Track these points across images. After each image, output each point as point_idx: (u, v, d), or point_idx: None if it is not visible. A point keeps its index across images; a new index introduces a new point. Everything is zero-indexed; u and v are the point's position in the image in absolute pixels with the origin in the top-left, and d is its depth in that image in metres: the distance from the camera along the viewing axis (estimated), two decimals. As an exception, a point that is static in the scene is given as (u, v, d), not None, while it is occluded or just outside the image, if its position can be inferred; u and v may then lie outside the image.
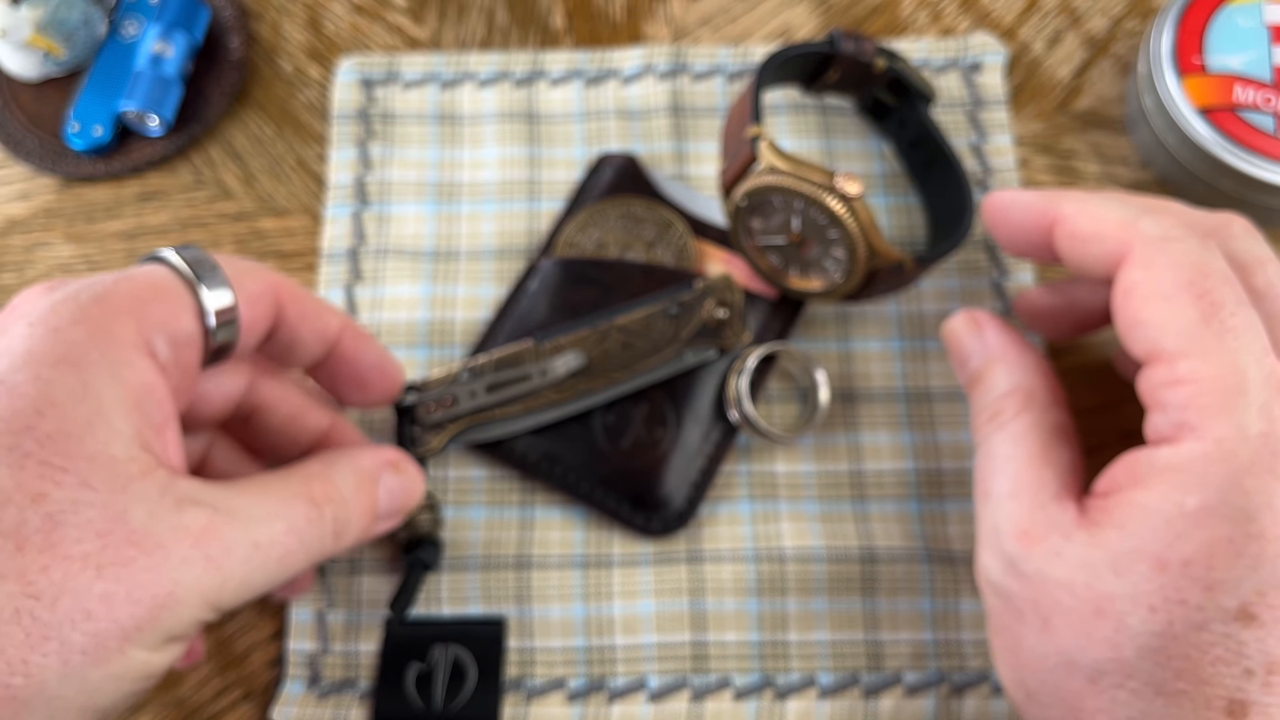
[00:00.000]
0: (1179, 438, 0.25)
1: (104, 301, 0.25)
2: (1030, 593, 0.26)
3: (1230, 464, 0.24)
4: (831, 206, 0.32)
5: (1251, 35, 0.39)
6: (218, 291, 0.27)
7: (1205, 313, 0.25)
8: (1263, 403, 0.24)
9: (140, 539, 0.23)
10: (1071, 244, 0.29)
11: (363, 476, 0.29)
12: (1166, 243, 0.26)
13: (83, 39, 0.42)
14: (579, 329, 0.35)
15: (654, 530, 0.35)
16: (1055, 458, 0.28)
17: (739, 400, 0.35)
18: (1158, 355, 0.26)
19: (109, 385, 0.24)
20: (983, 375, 0.31)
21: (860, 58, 0.37)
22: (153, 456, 0.25)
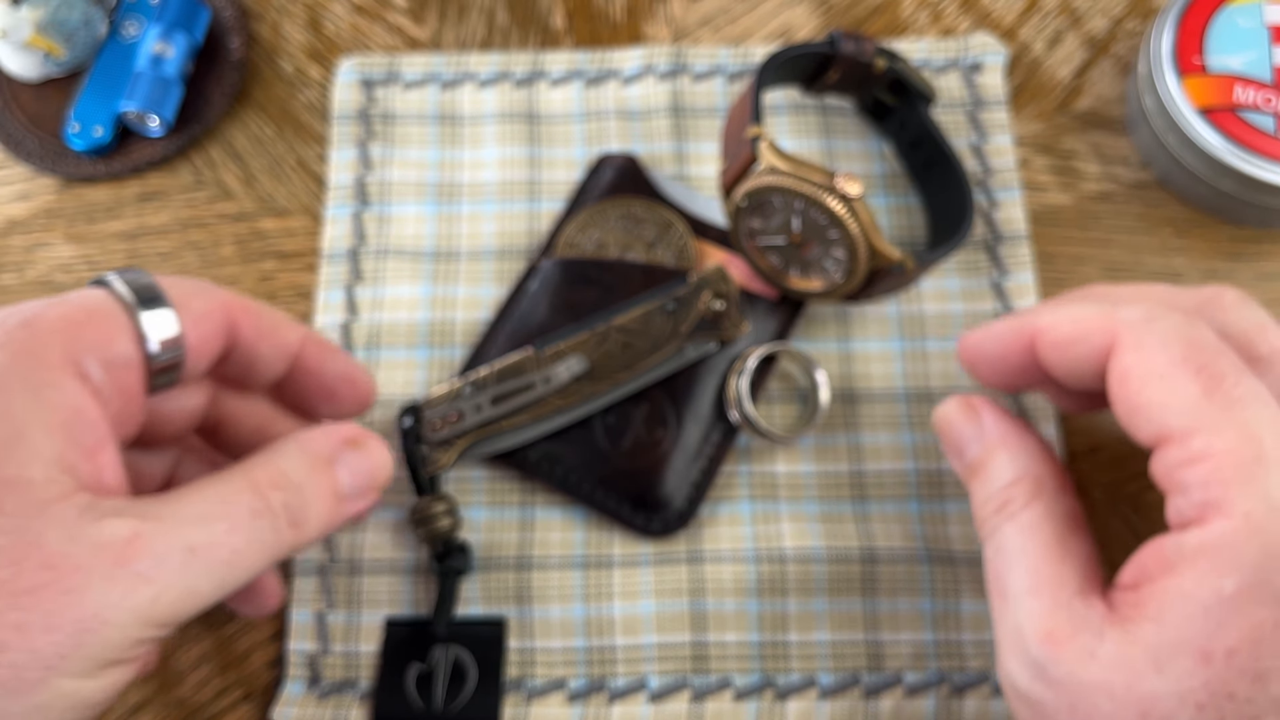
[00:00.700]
0: (1205, 518, 0.23)
1: (30, 325, 0.25)
2: (1065, 699, 0.24)
3: (1263, 539, 0.22)
4: (832, 207, 0.32)
5: (1252, 35, 0.39)
6: (158, 313, 0.26)
7: (1207, 386, 0.24)
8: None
9: (56, 562, 0.22)
10: (1057, 353, 0.27)
11: (315, 458, 0.28)
12: (1151, 322, 0.25)
13: (83, 39, 0.42)
14: (578, 333, 0.35)
15: (654, 531, 0.35)
16: (1072, 549, 0.26)
17: (739, 400, 0.35)
18: (1167, 436, 0.24)
19: (30, 408, 0.24)
20: (984, 464, 0.29)
21: (860, 58, 0.37)
22: (75, 480, 0.24)
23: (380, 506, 0.36)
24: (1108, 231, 0.40)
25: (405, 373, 0.37)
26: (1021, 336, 0.29)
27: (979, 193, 0.40)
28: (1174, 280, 0.39)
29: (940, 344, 0.38)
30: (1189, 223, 0.40)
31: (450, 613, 0.33)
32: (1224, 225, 0.40)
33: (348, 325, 0.38)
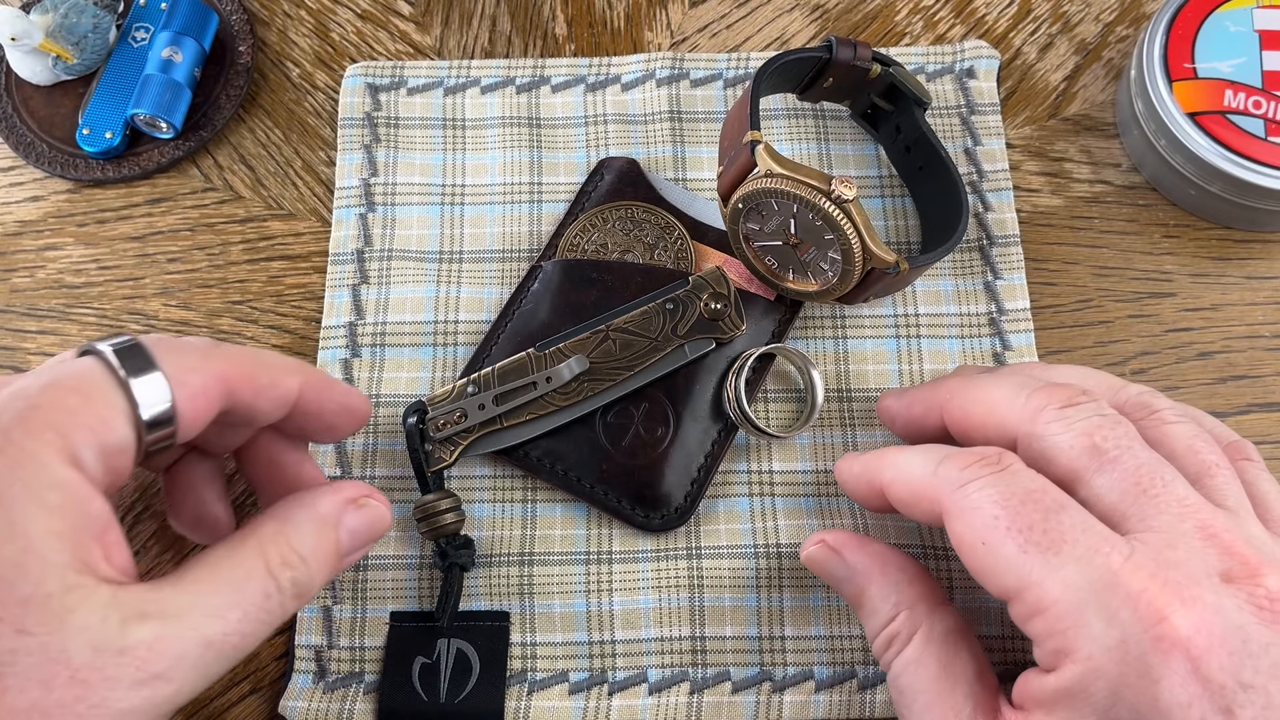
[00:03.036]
0: (1057, 664, 0.25)
1: (27, 422, 0.24)
2: None
3: (1105, 680, 0.24)
4: (828, 210, 0.32)
5: (1241, 40, 0.40)
6: (155, 392, 0.26)
7: (1019, 543, 0.25)
8: (1107, 608, 0.24)
9: (85, 676, 0.23)
10: (905, 509, 0.30)
11: (323, 524, 0.29)
12: (963, 489, 0.27)
13: (93, 45, 0.43)
14: (578, 333, 0.36)
15: (654, 527, 0.35)
16: (958, 671, 0.28)
17: (737, 399, 0.36)
18: (1006, 594, 0.26)
19: (36, 518, 0.23)
20: (860, 599, 0.31)
21: (856, 64, 0.38)
22: (92, 576, 0.24)
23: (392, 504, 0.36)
24: (1098, 234, 0.41)
25: (409, 372, 0.38)
26: (873, 486, 0.31)
27: (971, 196, 0.40)
28: (1163, 282, 0.40)
29: (933, 344, 0.38)
30: (1179, 225, 0.41)
31: (455, 606, 0.34)
32: (1213, 228, 0.41)
33: (354, 326, 0.39)
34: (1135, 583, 0.24)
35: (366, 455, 0.37)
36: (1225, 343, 0.39)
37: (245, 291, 0.40)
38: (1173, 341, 0.39)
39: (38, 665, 0.23)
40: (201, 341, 0.29)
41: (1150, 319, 0.39)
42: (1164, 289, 0.40)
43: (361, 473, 0.37)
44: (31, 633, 0.23)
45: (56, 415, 0.25)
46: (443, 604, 0.34)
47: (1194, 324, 0.39)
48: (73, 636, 0.23)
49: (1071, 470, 0.27)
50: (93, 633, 0.23)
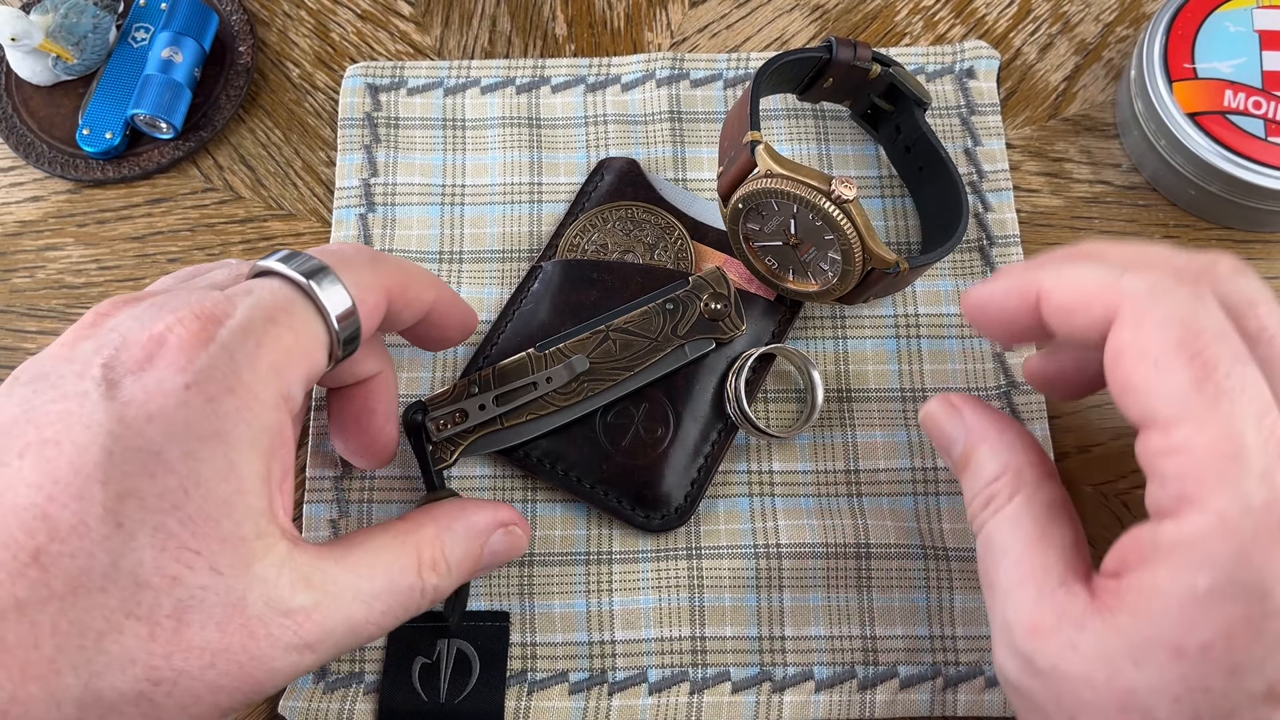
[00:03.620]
0: (1180, 511, 0.23)
1: (255, 363, 0.25)
2: (1051, 690, 0.25)
3: (1236, 538, 0.22)
4: (827, 210, 0.32)
5: (1241, 41, 0.40)
6: (348, 318, 0.27)
7: (1198, 375, 0.23)
8: (1264, 468, 0.23)
9: (254, 628, 0.24)
10: (1060, 318, 0.27)
11: (474, 538, 0.30)
12: (1154, 298, 0.25)
13: (93, 45, 0.43)
14: (578, 333, 0.36)
15: (654, 527, 0.35)
16: (1055, 538, 0.27)
17: (737, 400, 0.36)
18: (1151, 422, 0.24)
19: (251, 460, 0.25)
20: (969, 459, 0.30)
21: (856, 64, 0.38)
22: (277, 527, 0.25)
23: (387, 504, 0.36)
24: (1098, 234, 0.41)
25: (410, 372, 0.38)
26: (1025, 296, 0.28)
27: (971, 196, 0.40)
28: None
29: (933, 344, 0.38)
30: (1178, 225, 0.41)
31: (464, 606, 0.34)
32: (1213, 228, 0.41)
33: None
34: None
35: (366, 455, 0.37)
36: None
37: (245, 291, 0.40)
38: (1173, 342, 0.39)
39: (220, 606, 0.24)
40: (366, 250, 0.30)
41: (1150, 319, 0.39)
42: (1164, 289, 0.40)
43: (362, 471, 0.37)
44: (222, 573, 0.24)
45: (277, 355, 0.26)
46: (452, 604, 0.34)
47: (1194, 324, 0.39)
48: (252, 585, 0.24)
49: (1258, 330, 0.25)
50: (269, 586, 0.24)
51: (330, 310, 0.27)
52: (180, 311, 0.25)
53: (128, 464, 0.23)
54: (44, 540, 0.22)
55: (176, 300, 0.26)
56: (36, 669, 0.22)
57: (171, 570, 0.23)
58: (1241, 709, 0.22)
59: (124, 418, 0.23)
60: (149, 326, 0.25)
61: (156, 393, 0.24)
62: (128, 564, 0.23)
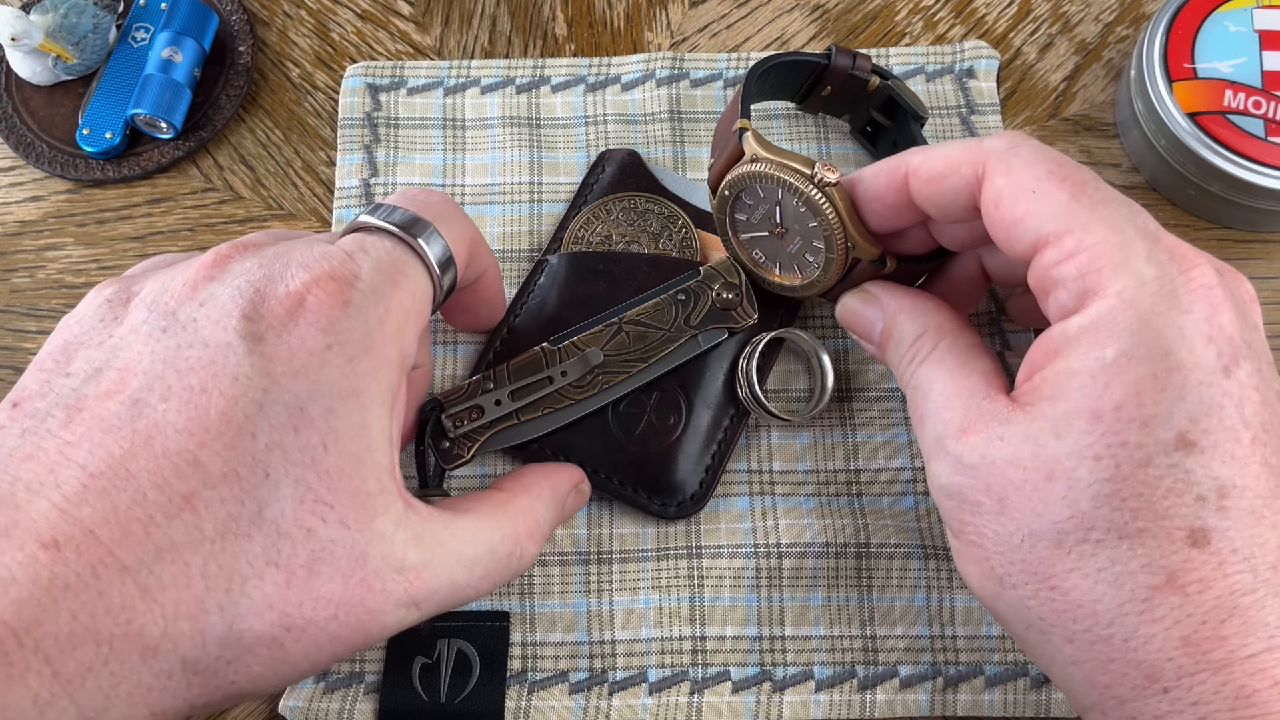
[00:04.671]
0: (1084, 304, 0.26)
1: (385, 325, 0.26)
2: (981, 480, 0.27)
3: (1136, 310, 0.25)
4: (810, 194, 0.32)
5: (1241, 40, 0.40)
6: (448, 273, 0.29)
7: (1073, 192, 0.26)
8: (1148, 251, 0.25)
9: (372, 583, 0.25)
10: (929, 188, 0.29)
11: (558, 501, 0.32)
12: (1015, 149, 0.28)
13: (93, 45, 0.43)
14: (591, 327, 0.36)
15: (670, 514, 0.35)
16: (976, 366, 0.29)
17: (749, 384, 0.36)
18: (1042, 241, 0.27)
19: (380, 418, 0.26)
20: (890, 332, 0.32)
21: (855, 73, 0.38)
22: (395, 484, 0.26)
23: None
24: (1099, 234, 0.41)
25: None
26: (895, 175, 0.30)
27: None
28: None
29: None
30: (1178, 225, 0.41)
31: None
32: (1213, 228, 0.41)
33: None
34: (1169, 239, 0.26)
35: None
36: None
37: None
38: (1173, 341, 0.39)
39: (346, 559, 0.25)
40: (451, 203, 0.31)
41: (1150, 319, 0.39)
42: (1164, 289, 0.40)
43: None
44: (349, 526, 0.25)
45: (400, 318, 0.27)
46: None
47: (1194, 324, 0.39)
48: (374, 541, 0.25)
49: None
50: (386, 542, 0.25)
51: (435, 264, 0.29)
52: (315, 270, 0.26)
53: (276, 417, 0.24)
54: (197, 485, 0.23)
55: (302, 254, 0.27)
56: (187, 608, 0.23)
57: (308, 522, 0.24)
58: (1155, 457, 0.24)
59: (271, 372, 0.25)
60: (285, 281, 0.26)
61: (300, 350, 0.25)
62: (271, 513, 0.24)
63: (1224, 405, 0.24)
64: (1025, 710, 0.34)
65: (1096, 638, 0.25)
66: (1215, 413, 0.24)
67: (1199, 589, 0.24)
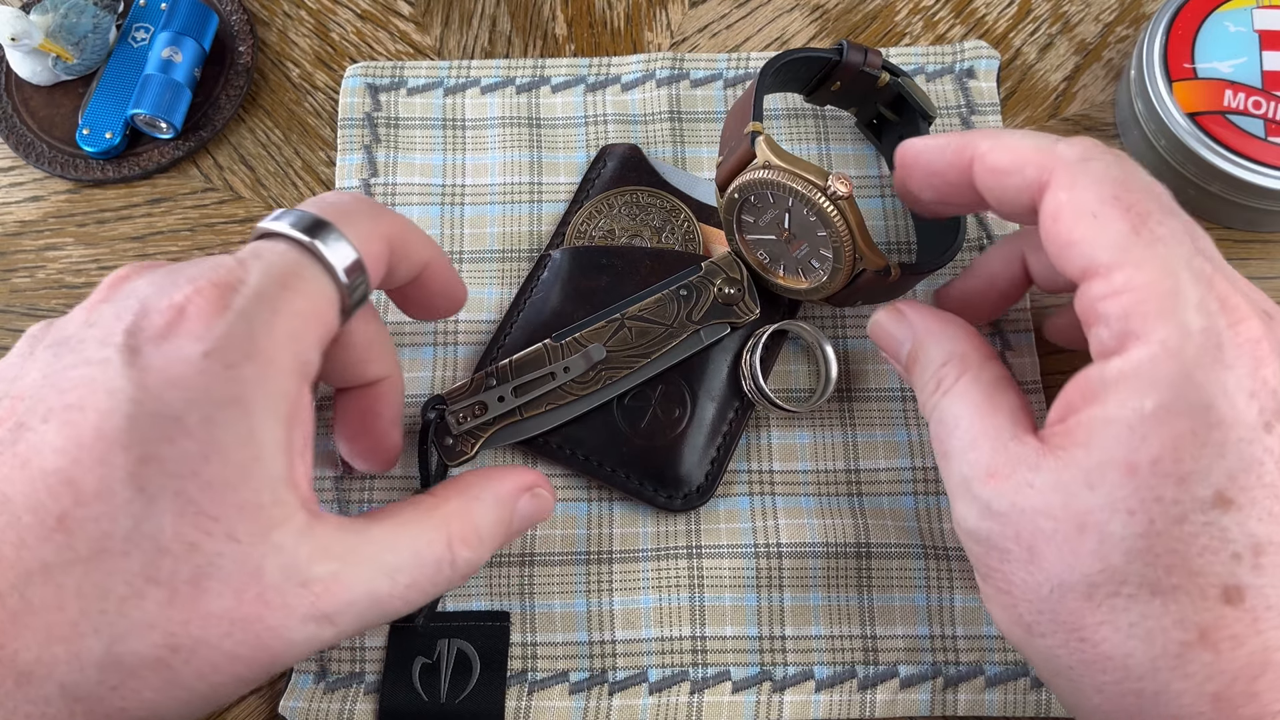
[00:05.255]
0: (1125, 347, 0.25)
1: (272, 330, 0.25)
2: (1010, 529, 0.26)
3: (1179, 361, 0.24)
4: (822, 206, 0.32)
5: (1241, 40, 0.40)
6: (355, 273, 0.27)
7: (1134, 224, 0.26)
8: (1199, 300, 0.25)
9: (270, 598, 0.24)
10: (992, 178, 0.29)
11: (503, 505, 0.30)
12: (1086, 162, 0.27)
13: (93, 45, 0.43)
14: (594, 322, 0.36)
15: (676, 507, 0.35)
16: (1003, 403, 0.28)
17: (753, 376, 0.36)
18: (1093, 270, 0.26)
19: (270, 427, 0.24)
20: (916, 355, 0.31)
21: (865, 70, 0.38)
22: (295, 496, 0.25)
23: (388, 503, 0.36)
24: (1099, 234, 0.41)
25: (410, 372, 0.38)
26: (961, 154, 0.30)
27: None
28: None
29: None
30: (1179, 225, 0.41)
31: (433, 607, 0.34)
32: (1213, 227, 0.41)
33: (353, 326, 0.39)
34: (1222, 287, 0.25)
35: (367, 455, 0.37)
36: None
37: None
38: (1173, 341, 0.39)
39: (236, 574, 0.24)
40: (364, 200, 0.29)
41: (1150, 319, 0.39)
42: (1164, 289, 0.40)
43: (363, 471, 0.37)
44: (239, 540, 0.24)
45: (293, 322, 0.25)
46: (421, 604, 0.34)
47: (1194, 324, 0.39)
48: (270, 554, 0.24)
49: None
50: (287, 555, 0.24)
51: (337, 267, 0.27)
52: (199, 281, 0.25)
53: (149, 429, 0.23)
54: (69, 504, 0.23)
55: (194, 269, 0.26)
56: (61, 630, 0.22)
57: (190, 536, 0.23)
58: (1192, 514, 0.24)
59: (145, 384, 0.24)
60: (169, 294, 0.25)
61: (176, 359, 0.24)
62: (149, 529, 0.23)
63: (1264, 462, 0.24)
64: (1025, 710, 0.34)
65: (1126, 690, 0.25)
66: (1255, 469, 0.24)
67: (1232, 646, 0.23)
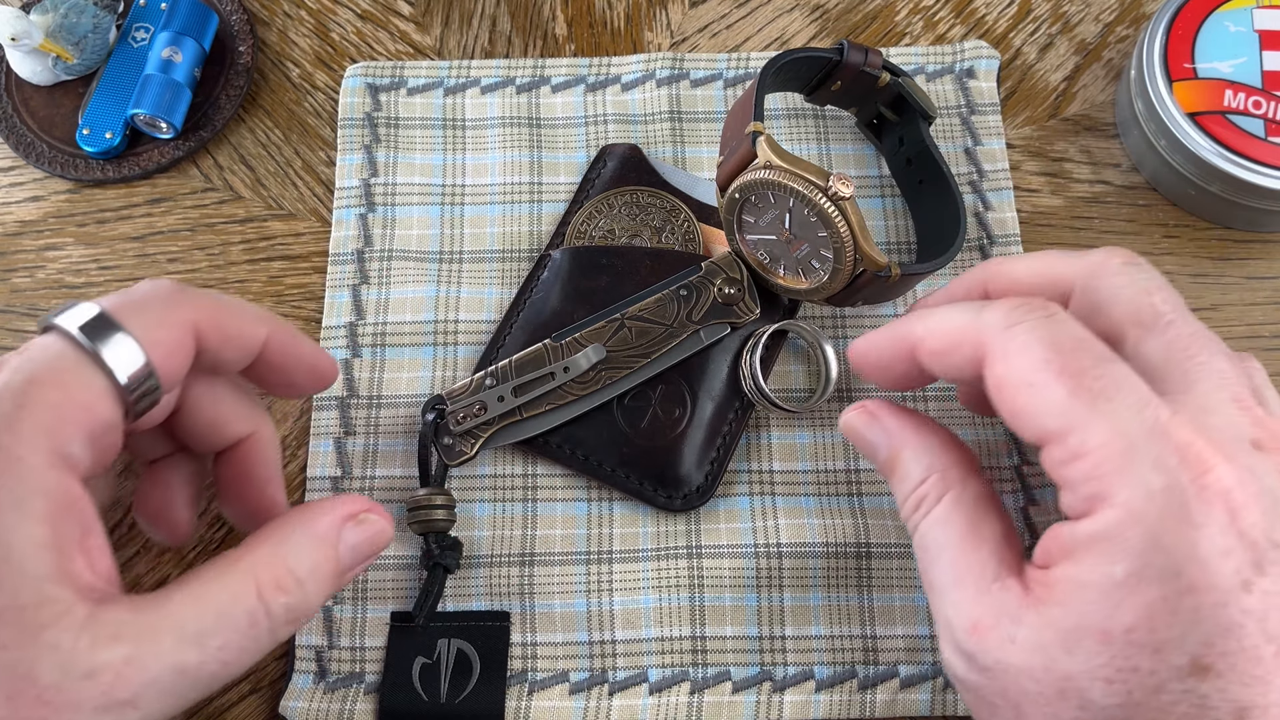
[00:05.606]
0: (1092, 510, 0.25)
1: (14, 425, 0.24)
2: (996, 684, 0.26)
3: (1144, 525, 0.24)
4: (823, 206, 0.32)
5: (1241, 40, 0.40)
6: (130, 359, 0.25)
7: (1070, 386, 0.25)
8: (1155, 456, 0.24)
9: (49, 697, 0.23)
10: (935, 361, 0.29)
11: (321, 542, 0.28)
12: (1013, 329, 0.26)
13: (93, 45, 0.43)
14: (594, 322, 0.36)
15: (677, 507, 0.35)
16: (985, 533, 0.28)
17: (753, 377, 0.36)
18: (1046, 437, 0.26)
19: (19, 526, 0.23)
20: (894, 464, 0.31)
21: (866, 69, 0.38)
22: (71, 590, 0.24)
23: (387, 504, 0.36)
24: (1098, 233, 0.41)
25: (410, 372, 0.38)
26: (901, 345, 0.30)
27: (972, 196, 0.40)
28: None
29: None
30: (1178, 225, 0.41)
31: (434, 606, 0.34)
32: (1213, 227, 0.41)
33: (354, 326, 0.39)
34: (1182, 435, 0.24)
35: (367, 455, 0.37)
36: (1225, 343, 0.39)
37: (245, 292, 0.40)
38: (1173, 341, 0.39)
39: (5, 680, 0.22)
40: (164, 288, 0.28)
41: (1150, 319, 0.39)
42: (1164, 289, 0.40)
43: (362, 472, 0.37)
44: (4, 646, 0.23)
45: (41, 414, 0.24)
46: (421, 603, 0.34)
47: (1194, 324, 0.39)
48: (42, 655, 0.23)
49: (1122, 324, 0.28)
50: (63, 653, 0.23)
51: (111, 360, 0.25)
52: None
53: None
54: None
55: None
56: None
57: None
58: (1169, 683, 0.23)
59: None
60: None
61: None
62: None
63: (1244, 624, 0.23)
64: (1025, 710, 0.34)
65: None
66: (1234, 633, 0.23)
67: None
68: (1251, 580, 0.23)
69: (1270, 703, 0.23)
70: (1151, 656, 0.23)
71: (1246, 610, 0.23)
